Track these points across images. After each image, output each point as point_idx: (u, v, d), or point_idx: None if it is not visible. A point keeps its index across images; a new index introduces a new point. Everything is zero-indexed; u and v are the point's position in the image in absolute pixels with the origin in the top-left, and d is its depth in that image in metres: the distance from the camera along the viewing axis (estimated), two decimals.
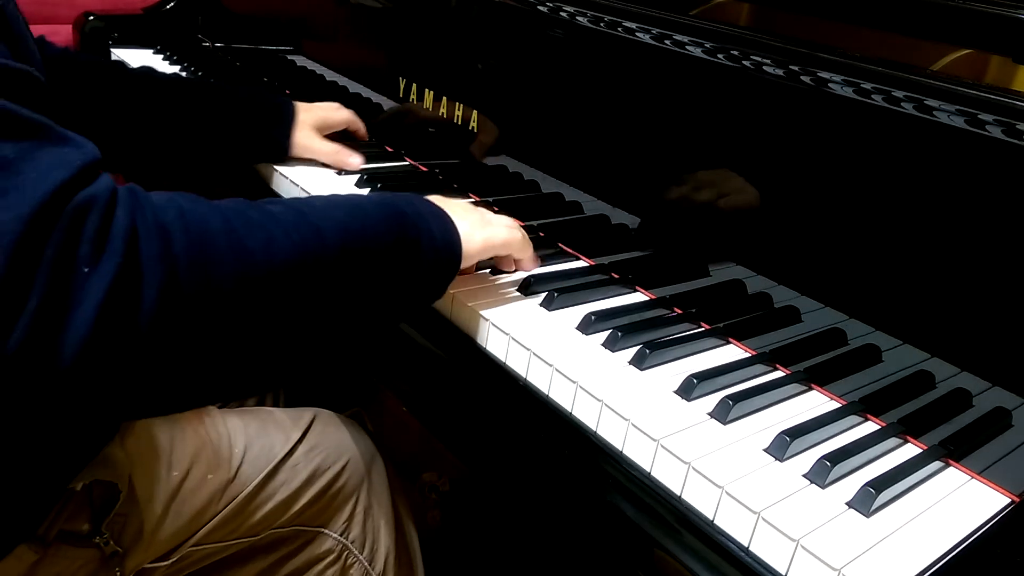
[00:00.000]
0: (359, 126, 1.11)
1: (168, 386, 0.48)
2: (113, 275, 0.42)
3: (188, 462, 0.78)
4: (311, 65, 1.31)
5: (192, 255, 0.46)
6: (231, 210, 0.52)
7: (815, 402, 0.66)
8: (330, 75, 1.26)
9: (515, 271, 0.79)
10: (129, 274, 0.43)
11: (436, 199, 0.69)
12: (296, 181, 0.98)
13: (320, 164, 1.03)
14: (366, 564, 0.91)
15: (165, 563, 0.77)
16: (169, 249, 0.45)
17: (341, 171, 1.02)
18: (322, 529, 0.88)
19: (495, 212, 0.93)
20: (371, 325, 0.60)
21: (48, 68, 0.87)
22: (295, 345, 0.54)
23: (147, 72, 1.06)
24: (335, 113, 1.07)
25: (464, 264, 0.67)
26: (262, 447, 0.85)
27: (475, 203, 0.97)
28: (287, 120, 1.01)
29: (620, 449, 0.60)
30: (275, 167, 1.01)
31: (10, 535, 0.65)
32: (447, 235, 0.65)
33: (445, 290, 0.68)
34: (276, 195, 1.02)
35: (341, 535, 0.89)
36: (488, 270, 0.79)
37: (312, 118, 1.03)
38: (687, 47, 0.75)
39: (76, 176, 0.43)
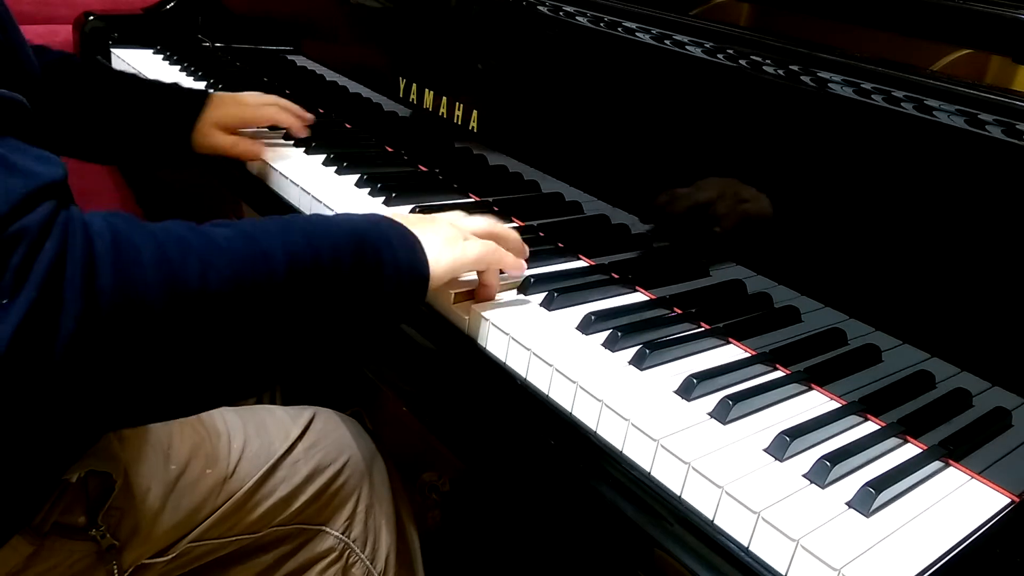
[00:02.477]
0: (291, 122, 1.07)
1: (96, 408, 0.49)
2: (27, 307, 0.43)
3: (186, 457, 0.78)
4: (311, 65, 1.31)
5: (118, 286, 0.47)
6: (171, 236, 0.51)
7: (815, 402, 0.66)
8: (330, 75, 1.26)
9: (489, 296, 0.75)
10: (46, 306, 0.44)
11: (411, 219, 0.69)
12: (296, 181, 0.98)
13: (320, 164, 1.04)
14: (367, 563, 0.91)
15: (163, 559, 0.77)
16: (93, 282, 0.46)
17: (339, 170, 1.02)
18: (323, 527, 0.88)
19: (495, 212, 0.93)
20: (330, 347, 0.60)
21: None
22: (238, 369, 0.54)
23: (93, 67, 1.06)
24: (257, 110, 1.05)
25: (434, 284, 0.66)
26: (261, 444, 0.85)
27: (475, 203, 0.98)
28: (188, 117, 1.00)
29: (620, 449, 0.60)
30: (273, 165, 1.01)
31: (4, 526, 0.65)
32: (413, 259, 0.64)
33: (415, 310, 0.67)
34: (275, 194, 1.02)
35: (342, 533, 0.89)
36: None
37: (218, 115, 1.02)
38: (687, 47, 0.75)
39: (11, 210, 0.44)
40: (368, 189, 0.97)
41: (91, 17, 1.52)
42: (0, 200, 0.44)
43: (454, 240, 0.69)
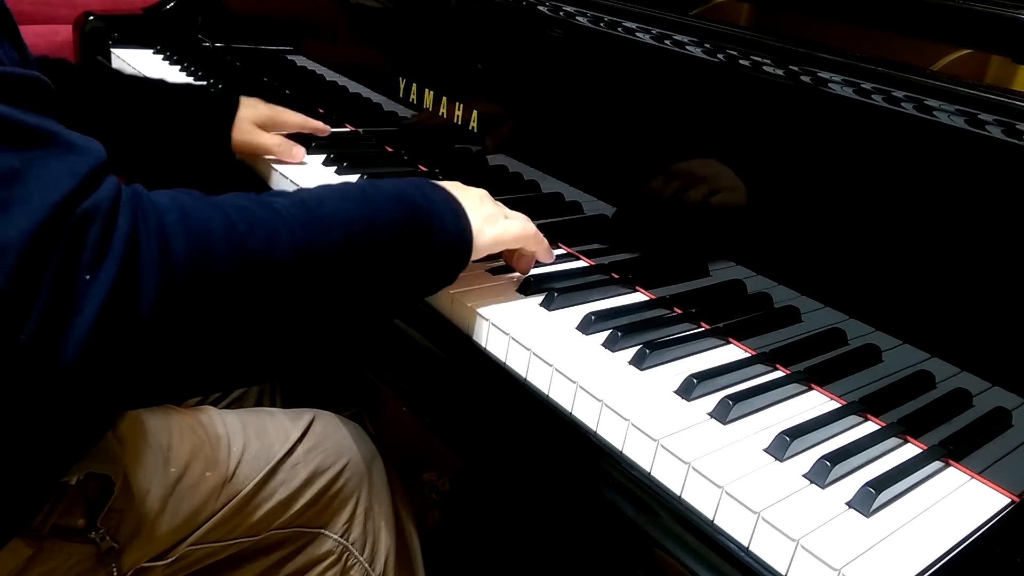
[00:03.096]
0: (316, 126, 1.09)
1: (167, 380, 0.50)
2: (112, 282, 0.44)
3: (186, 459, 0.78)
4: (311, 65, 1.31)
5: (192, 258, 0.48)
6: (234, 207, 0.52)
7: (815, 402, 0.66)
8: (330, 75, 1.26)
9: (528, 268, 0.77)
10: (128, 279, 0.45)
11: (451, 187, 0.68)
12: (296, 181, 0.98)
13: (320, 164, 1.04)
14: (366, 565, 0.91)
15: (163, 562, 0.77)
16: (168, 254, 0.47)
17: (339, 170, 1.02)
18: (322, 530, 0.88)
19: None
20: (378, 313, 0.61)
21: None
22: (297, 337, 0.55)
23: (99, 71, 1.07)
24: (286, 114, 1.06)
25: (474, 256, 0.67)
26: (261, 446, 0.84)
27: None
28: (226, 116, 1.01)
29: (620, 449, 0.60)
30: (274, 166, 1.01)
31: (3, 528, 0.65)
32: (459, 226, 0.64)
33: (455, 279, 0.67)
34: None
35: (341, 536, 0.89)
36: (489, 269, 0.79)
37: (255, 114, 1.02)
38: (687, 47, 0.75)
39: (81, 185, 0.45)
40: None
41: (91, 17, 1.52)
42: (66, 178, 0.44)
43: (495, 216, 0.69)
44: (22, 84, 0.46)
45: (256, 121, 1.02)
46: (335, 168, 1.03)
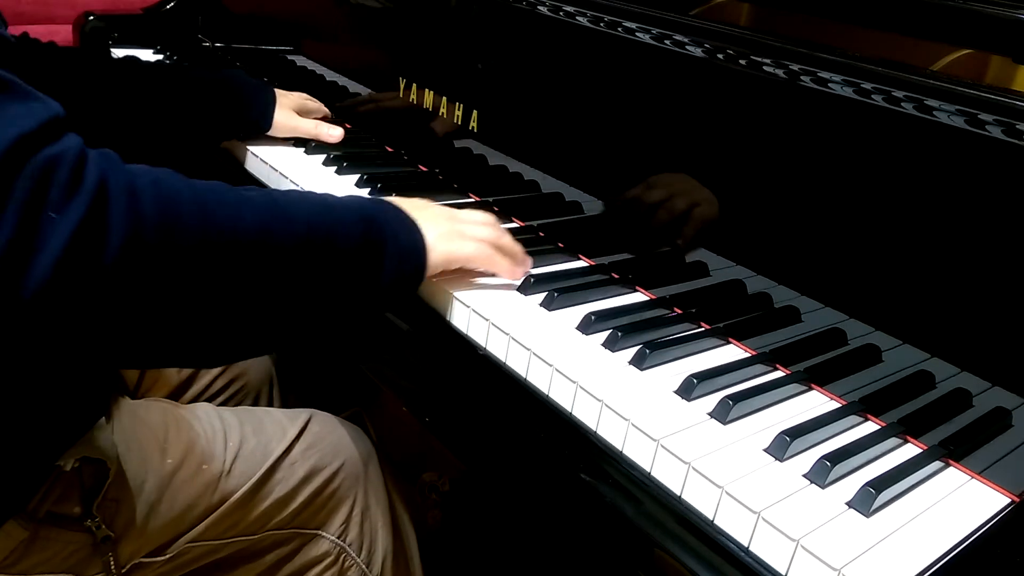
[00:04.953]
0: (328, 121, 1.16)
1: (122, 336, 0.51)
2: (78, 222, 0.46)
3: (182, 452, 0.79)
4: (311, 65, 1.31)
5: (159, 218, 0.50)
6: (206, 187, 0.55)
7: (815, 402, 0.66)
8: (330, 75, 1.26)
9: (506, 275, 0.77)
10: (94, 223, 0.47)
11: (412, 204, 0.71)
12: (296, 181, 0.98)
13: (320, 164, 1.04)
14: (363, 566, 0.91)
15: (161, 558, 0.77)
16: (137, 208, 0.49)
17: (339, 170, 1.02)
18: (319, 531, 0.88)
19: (495, 212, 0.93)
20: (327, 319, 0.63)
21: (35, 59, 0.95)
22: (250, 321, 0.57)
23: (134, 60, 1.13)
24: (311, 101, 1.17)
25: (429, 271, 0.69)
26: (258, 444, 0.85)
27: (475, 203, 0.98)
28: (270, 99, 1.09)
29: (620, 449, 0.60)
30: (271, 165, 1.01)
31: None
32: (411, 240, 0.67)
33: (411, 294, 0.69)
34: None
35: (338, 537, 0.89)
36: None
37: (291, 101, 1.12)
38: (687, 47, 0.75)
39: (41, 128, 0.46)
40: (368, 189, 0.97)
41: (91, 17, 1.52)
42: (24, 118, 0.46)
43: (451, 236, 0.72)
44: None
45: (294, 107, 1.11)
46: (335, 168, 1.03)
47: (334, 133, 1.11)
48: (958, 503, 0.57)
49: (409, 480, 1.18)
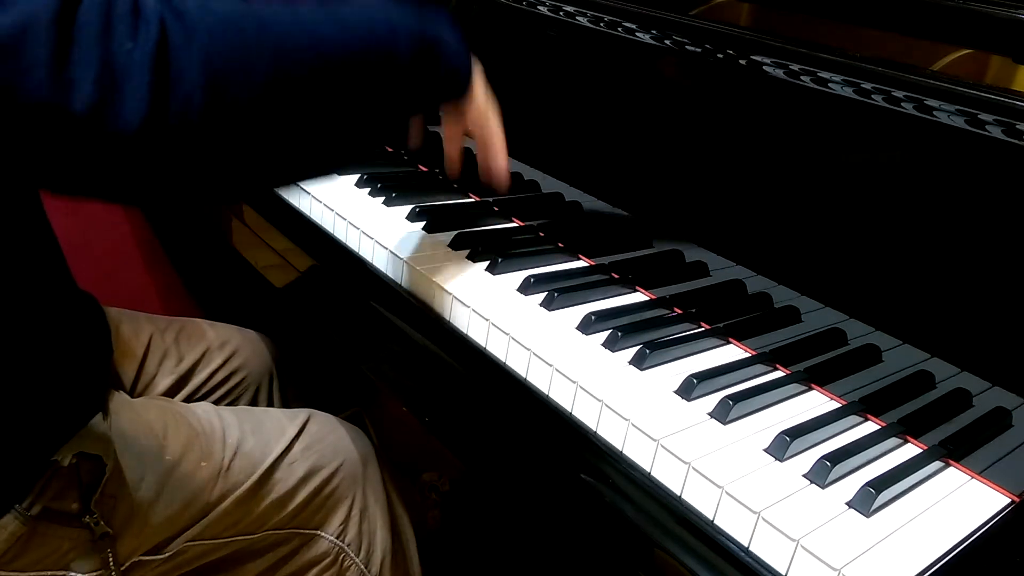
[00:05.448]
0: None
1: (211, 156, 0.51)
2: (153, 51, 0.46)
3: (181, 448, 0.79)
4: None
5: (220, 38, 0.50)
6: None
7: (815, 402, 0.66)
8: None
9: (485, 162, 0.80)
10: (165, 52, 0.47)
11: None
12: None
13: None
14: (362, 567, 0.91)
15: (160, 556, 0.77)
16: (198, 39, 0.48)
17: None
18: (318, 532, 0.88)
19: (495, 212, 0.93)
20: (391, 111, 0.65)
21: None
22: (317, 120, 0.57)
23: None
24: None
25: (472, 86, 0.72)
26: (257, 442, 0.85)
27: (475, 203, 0.98)
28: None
29: (620, 449, 0.60)
30: None
31: None
32: (460, 52, 0.70)
33: (462, 91, 0.72)
34: (275, 194, 1.02)
35: (337, 537, 0.89)
36: (487, 272, 0.79)
37: None
38: (687, 47, 0.75)
39: None
40: (368, 189, 0.97)
41: None
42: None
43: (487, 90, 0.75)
44: None
45: None
46: None
47: None
48: (958, 503, 0.57)
49: (409, 480, 1.18)
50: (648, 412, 0.60)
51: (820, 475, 0.56)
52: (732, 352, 0.72)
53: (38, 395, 0.67)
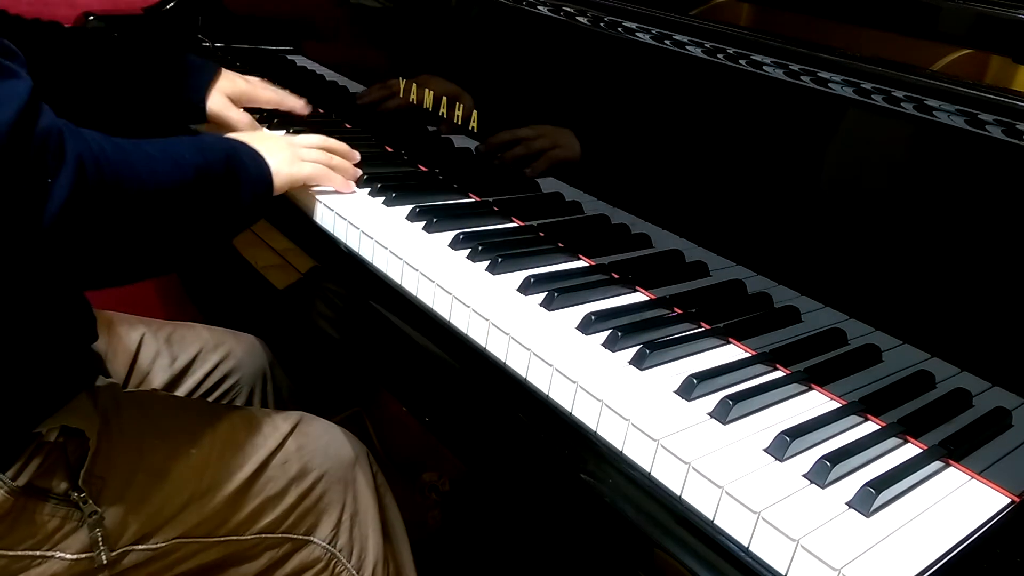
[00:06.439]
0: (293, 105, 1.12)
1: (94, 257, 0.65)
2: (70, 186, 0.59)
3: (171, 432, 0.80)
4: (311, 65, 1.31)
5: (111, 175, 0.63)
6: (126, 147, 0.67)
7: (815, 402, 0.66)
8: (330, 75, 1.26)
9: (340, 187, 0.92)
10: (78, 185, 0.59)
11: (255, 137, 0.88)
12: None
13: None
14: (354, 572, 0.91)
15: (150, 547, 0.78)
16: (98, 171, 0.62)
17: None
18: (310, 537, 0.88)
19: (495, 212, 0.93)
20: (213, 232, 0.78)
21: None
22: (164, 240, 0.71)
23: (77, 31, 1.13)
24: (261, 91, 1.08)
25: (276, 192, 0.84)
26: (248, 439, 0.85)
27: (475, 203, 0.98)
28: (202, 81, 1.03)
29: (620, 449, 0.60)
30: None
31: None
32: (260, 170, 0.82)
33: (266, 209, 0.84)
34: None
35: (329, 543, 0.89)
36: (487, 272, 0.79)
37: (230, 87, 1.04)
38: (687, 47, 0.75)
39: (29, 103, 0.56)
40: (368, 189, 0.97)
41: (91, 17, 1.52)
42: (15, 99, 0.56)
43: (291, 160, 0.87)
44: None
45: (230, 94, 1.03)
46: None
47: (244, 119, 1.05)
48: (958, 503, 0.57)
49: (409, 480, 1.18)
50: (648, 412, 0.60)
51: (820, 475, 0.56)
52: (732, 352, 0.72)
53: (20, 368, 0.71)
